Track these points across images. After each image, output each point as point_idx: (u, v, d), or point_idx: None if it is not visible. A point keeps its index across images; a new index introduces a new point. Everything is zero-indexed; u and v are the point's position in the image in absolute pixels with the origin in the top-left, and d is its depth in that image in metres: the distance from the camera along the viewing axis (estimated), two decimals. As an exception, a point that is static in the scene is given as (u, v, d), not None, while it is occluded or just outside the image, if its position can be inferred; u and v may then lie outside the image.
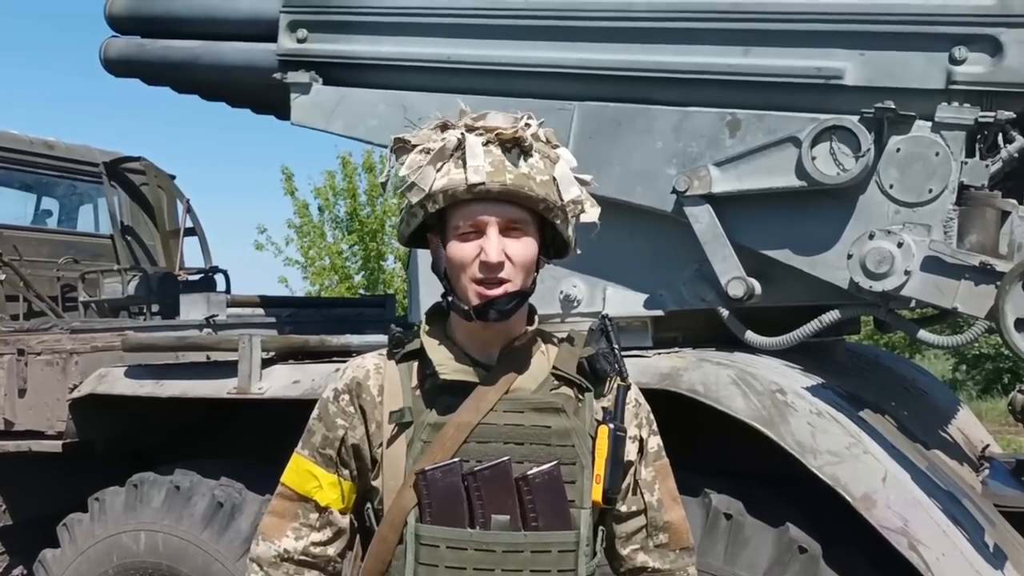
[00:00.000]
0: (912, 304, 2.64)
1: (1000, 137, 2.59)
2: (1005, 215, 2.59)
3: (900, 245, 2.52)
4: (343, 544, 1.68)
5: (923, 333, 2.68)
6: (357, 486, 1.66)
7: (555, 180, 1.55)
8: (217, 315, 4.04)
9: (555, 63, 2.98)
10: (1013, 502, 3.08)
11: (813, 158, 2.61)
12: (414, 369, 1.62)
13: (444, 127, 1.57)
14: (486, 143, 1.52)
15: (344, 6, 3.26)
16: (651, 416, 1.73)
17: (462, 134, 1.53)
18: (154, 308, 5.17)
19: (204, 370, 3.45)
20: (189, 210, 6.04)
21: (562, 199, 1.56)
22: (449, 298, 1.60)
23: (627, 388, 1.64)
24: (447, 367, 1.58)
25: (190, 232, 6.05)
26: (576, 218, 1.61)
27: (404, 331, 1.67)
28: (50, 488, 4.04)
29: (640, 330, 2.94)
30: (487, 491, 1.52)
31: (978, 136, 2.59)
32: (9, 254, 5.13)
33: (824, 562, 2.56)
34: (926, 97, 2.57)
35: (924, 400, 3.86)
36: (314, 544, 1.65)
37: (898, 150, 2.58)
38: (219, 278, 5.94)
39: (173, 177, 6.16)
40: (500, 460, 1.53)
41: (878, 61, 2.62)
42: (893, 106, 2.52)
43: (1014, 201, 2.65)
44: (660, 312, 2.93)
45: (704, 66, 2.80)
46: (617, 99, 2.92)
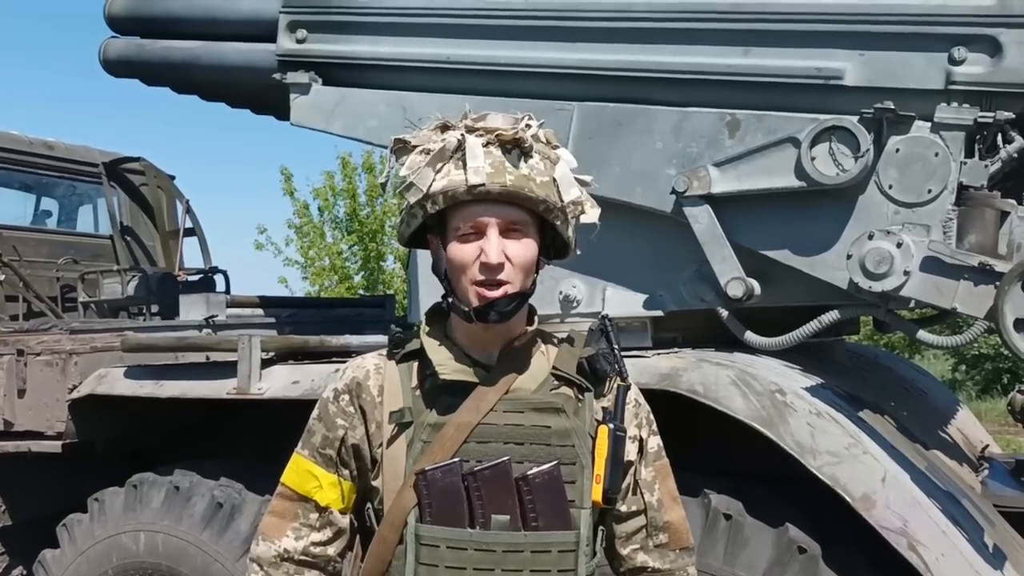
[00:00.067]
0: (911, 304, 2.64)
1: (999, 137, 2.59)
2: (1004, 215, 2.60)
3: (899, 245, 2.52)
4: (343, 544, 1.68)
5: (922, 333, 2.68)
6: (357, 486, 1.66)
7: (555, 181, 1.55)
8: (217, 315, 4.04)
9: (555, 63, 2.98)
10: (1012, 502, 3.08)
11: (812, 158, 2.61)
12: (414, 369, 1.62)
13: (444, 128, 1.56)
14: (486, 144, 1.52)
15: (343, 6, 3.26)
16: (651, 416, 1.73)
17: (462, 135, 1.53)
18: (154, 308, 5.17)
19: (204, 370, 3.46)
20: (189, 210, 6.04)
21: (562, 200, 1.56)
22: (449, 299, 1.60)
23: (627, 388, 1.65)
24: (447, 367, 1.58)
25: (189, 232, 6.05)
26: (576, 219, 1.61)
27: (404, 331, 1.67)
28: (50, 488, 4.04)
29: (640, 330, 2.93)
30: (487, 491, 1.52)
31: (977, 136, 2.59)
32: (9, 254, 5.13)
33: (823, 562, 2.56)
34: (925, 97, 2.57)
35: (923, 400, 3.86)
36: (314, 544, 1.65)
37: (897, 150, 2.59)
38: (219, 278, 5.94)
39: (173, 177, 6.16)
40: (500, 460, 1.53)
41: (877, 61, 2.62)
42: (892, 106, 2.52)
43: (1013, 201, 2.65)
44: (660, 312, 2.93)
45: (704, 66, 2.80)
46: (617, 99, 2.92)
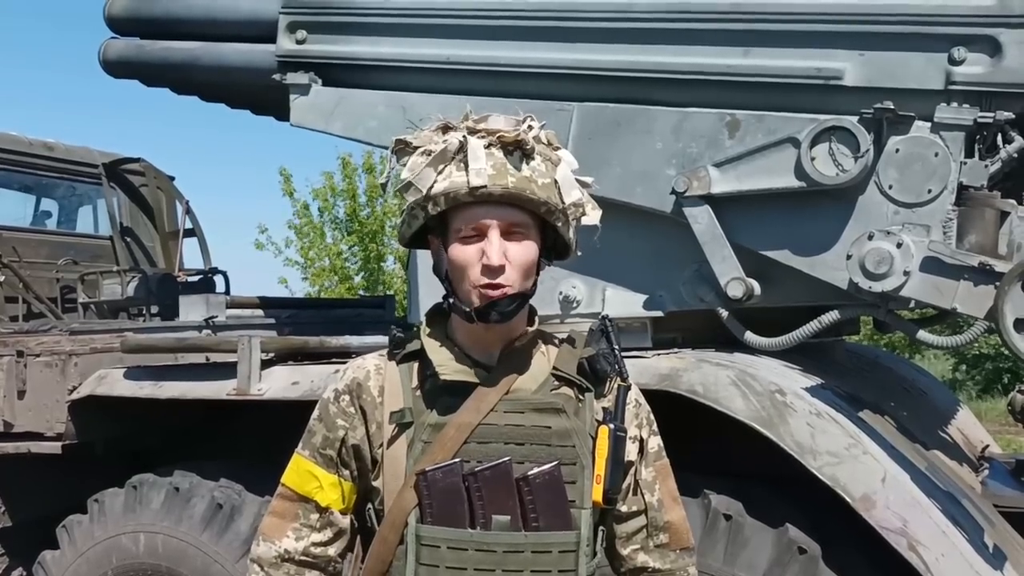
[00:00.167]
0: (911, 304, 2.64)
1: (999, 137, 2.59)
2: (1004, 215, 2.60)
3: (899, 245, 2.52)
4: (344, 544, 1.68)
5: (922, 333, 2.68)
6: (358, 486, 1.66)
7: (557, 183, 1.55)
8: (216, 316, 4.04)
9: (554, 64, 2.98)
10: (1013, 502, 3.08)
11: (812, 159, 2.61)
12: (414, 370, 1.62)
13: (446, 129, 1.57)
14: (488, 146, 1.52)
15: (343, 7, 3.26)
16: (651, 416, 1.73)
17: (464, 136, 1.53)
18: (153, 309, 5.17)
19: (203, 371, 3.46)
20: (188, 211, 6.04)
21: (563, 202, 1.56)
22: (450, 300, 1.60)
23: (627, 388, 1.65)
24: (447, 368, 1.58)
25: (189, 233, 6.05)
26: (577, 220, 1.61)
27: (404, 332, 1.67)
28: (49, 489, 4.04)
29: (639, 331, 2.93)
30: (488, 491, 1.52)
31: (977, 136, 2.59)
32: (8, 256, 5.13)
33: (823, 563, 2.56)
34: (925, 98, 2.57)
35: (924, 400, 3.86)
36: (315, 544, 1.65)
37: (897, 151, 2.59)
38: (218, 279, 5.94)
39: (172, 178, 6.16)
40: (501, 460, 1.54)
41: (877, 62, 2.62)
42: (892, 107, 2.52)
43: (1013, 201, 2.65)
44: (659, 313, 2.93)
45: (703, 67, 2.80)
46: (616, 100, 2.92)
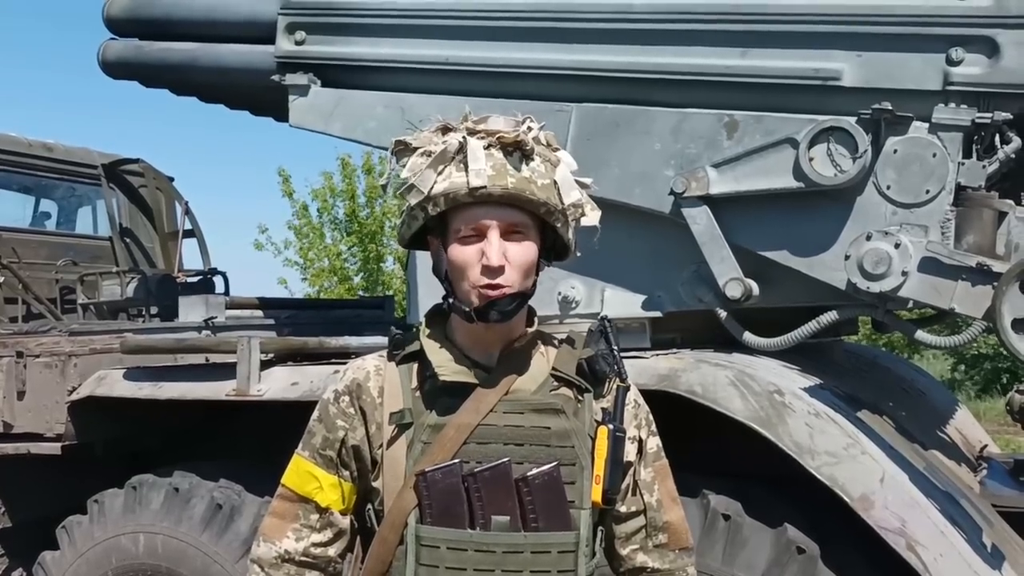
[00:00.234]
0: (910, 305, 2.64)
1: (997, 138, 2.59)
2: (1002, 216, 2.60)
3: (897, 246, 2.52)
4: (344, 545, 1.68)
5: (921, 334, 2.68)
6: (357, 487, 1.66)
7: (556, 184, 1.56)
8: (216, 317, 4.05)
9: (553, 65, 2.98)
10: (1011, 502, 3.08)
11: (811, 159, 2.62)
12: (414, 371, 1.63)
13: (445, 130, 1.57)
14: (487, 146, 1.52)
15: (342, 8, 3.26)
16: (650, 417, 1.74)
17: (464, 137, 1.53)
18: (153, 310, 5.18)
19: (203, 372, 3.46)
20: (188, 212, 6.04)
21: (563, 203, 1.56)
22: (450, 300, 1.60)
23: (626, 389, 1.65)
24: (447, 369, 1.58)
25: (189, 234, 6.06)
26: (576, 221, 1.61)
27: (404, 333, 1.67)
28: (49, 490, 4.03)
29: (638, 331, 2.94)
30: (487, 492, 1.53)
31: (975, 137, 2.60)
32: (8, 256, 5.14)
33: (822, 562, 2.56)
34: (923, 98, 2.57)
35: (922, 400, 3.86)
36: (315, 545, 1.65)
37: (895, 151, 2.59)
38: (218, 280, 5.95)
39: (172, 179, 6.17)
40: (500, 461, 1.54)
41: (875, 62, 2.62)
42: (890, 107, 2.53)
43: (1011, 202, 2.65)
44: (658, 313, 2.93)
45: (702, 68, 2.81)
46: (615, 101, 2.93)
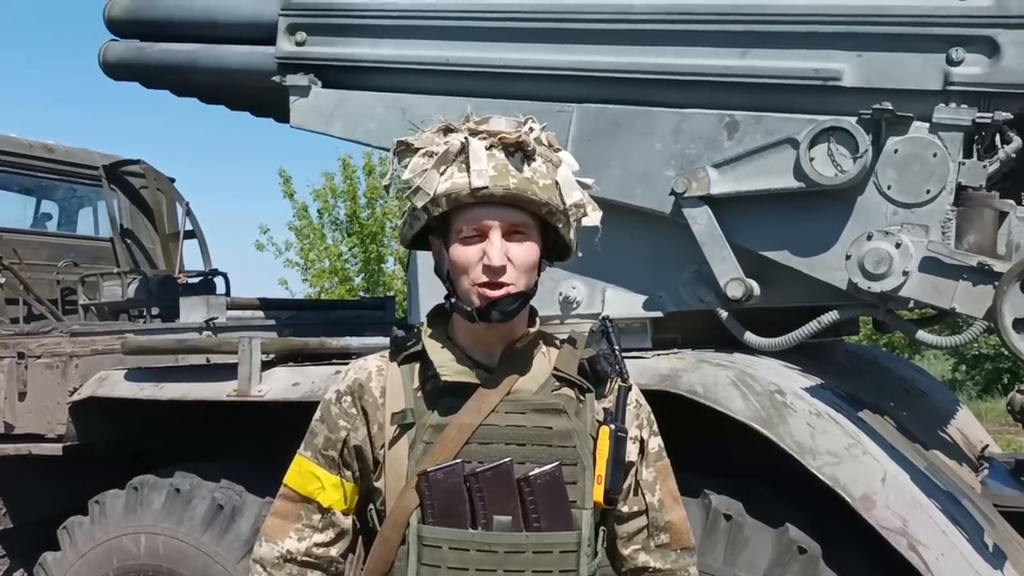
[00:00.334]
0: (910, 305, 2.64)
1: (997, 138, 2.59)
2: (1003, 215, 2.60)
3: (898, 246, 2.52)
4: (346, 545, 1.69)
5: (922, 334, 2.68)
6: (359, 487, 1.66)
7: (557, 184, 1.56)
8: (217, 318, 4.04)
9: (553, 65, 2.98)
10: (1012, 502, 3.08)
11: (811, 159, 2.62)
12: (416, 371, 1.63)
13: (447, 130, 1.57)
14: (489, 147, 1.53)
15: (343, 9, 3.26)
16: (652, 417, 1.74)
17: (466, 138, 1.53)
18: (154, 311, 5.18)
19: (204, 373, 3.46)
20: (188, 213, 6.05)
21: (564, 203, 1.56)
22: (452, 300, 1.61)
23: (628, 389, 1.65)
24: (448, 369, 1.59)
25: (189, 235, 6.06)
26: (578, 221, 1.61)
27: (406, 333, 1.67)
28: (50, 491, 4.04)
29: (639, 331, 2.94)
30: (489, 492, 1.53)
31: (976, 137, 2.60)
32: (9, 257, 5.14)
33: (824, 562, 2.57)
34: (924, 98, 2.57)
35: (923, 400, 3.86)
36: (317, 545, 1.66)
37: (896, 151, 2.59)
38: (219, 281, 5.95)
39: (172, 180, 6.17)
40: (502, 461, 1.54)
41: (876, 62, 2.62)
42: (891, 107, 2.53)
43: (1012, 202, 2.65)
44: (659, 313, 2.93)
45: (702, 68, 2.81)
46: (616, 101, 2.93)
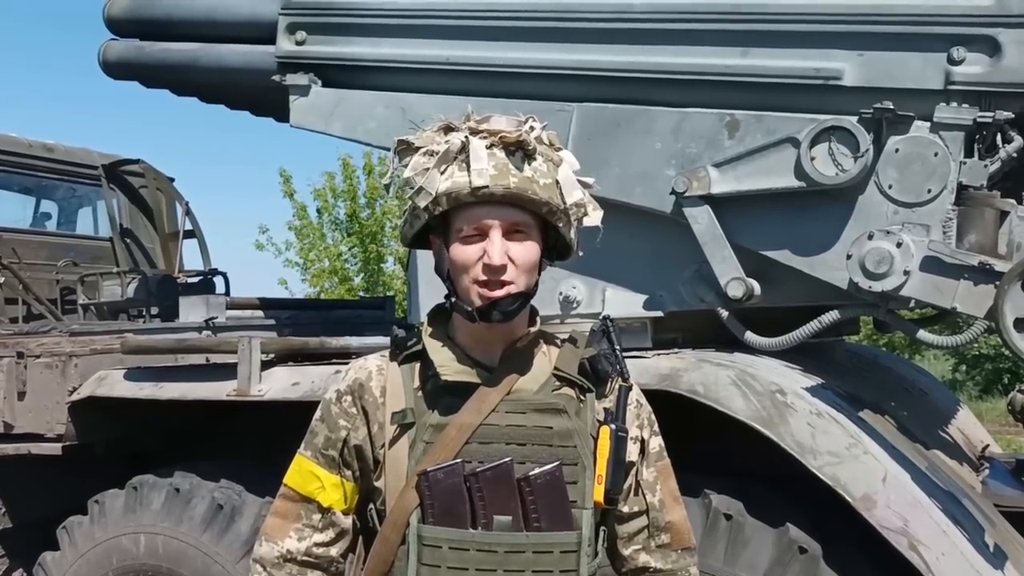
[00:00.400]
0: (911, 304, 2.64)
1: (999, 137, 2.59)
2: (1004, 215, 2.60)
3: (899, 245, 2.52)
4: (346, 545, 1.68)
5: (922, 333, 2.68)
6: (359, 487, 1.66)
7: (558, 183, 1.56)
8: (216, 317, 4.04)
9: (554, 64, 2.98)
10: (1013, 502, 3.08)
11: (812, 159, 2.62)
12: (416, 370, 1.63)
13: (448, 129, 1.57)
14: (490, 146, 1.52)
15: (343, 8, 3.26)
16: (652, 417, 1.73)
17: (466, 137, 1.53)
18: (153, 310, 5.17)
19: (203, 372, 3.46)
20: (188, 212, 6.04)
21: (565, 202, 1.56)
22: (452, 299, 1.60)
23: (629, 389, 1.65)
24: (449, 368, 1.58)
25: (189, 234, 6.05)
26: (578, 221, 1.61)
27: (406, 333, 1.67)
28: (50, 491, 4.04)
29: (640, 331, 2.93)
30: (489, 492, 1.53)
31: (977, 136, 2.60)
32: (8, 257, 5.13)
33: (824, 562, 2.56)
34: (924, 97, 2.57)
35: (924, 400, 3.86)
36: (317, 545, 1.65)
37: (897, 150, 2.59)
38: (218, 280, 5.94)
39: (172, 179, 6.17)
40: (502, 461, 1.54)
41: (876, 62, 2.62)
42: (892, 106, 2.52)
43: (1013, 201, 2.65)
44: (660, 313, 2.93)
45: (703, 67, 2.80)
46: (616, 100, 2.92)
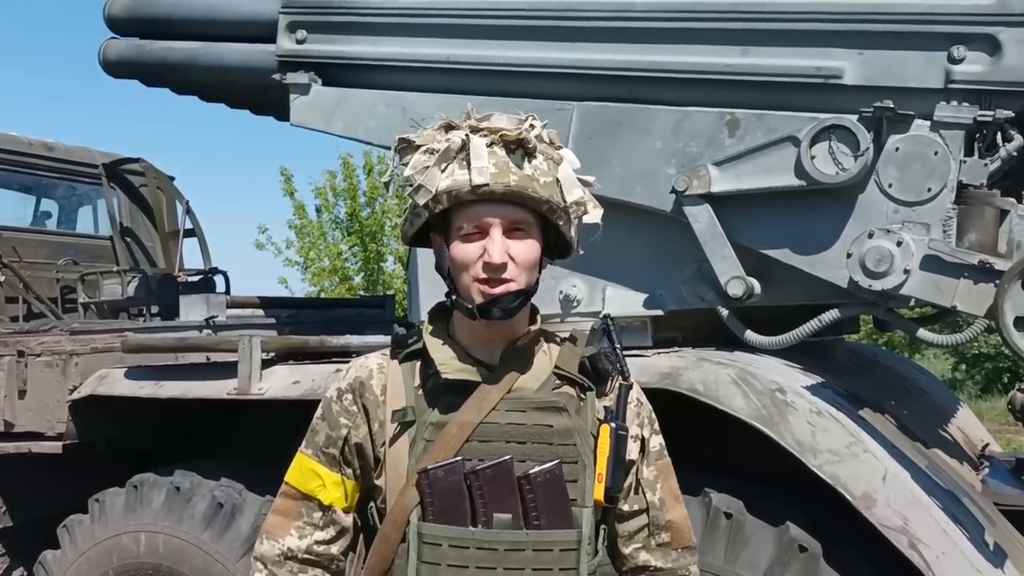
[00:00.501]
0: (911, 303, 2.64)
1: (999, 136, 2.59)
2: (1004, 214, 2.60)
3: (899, 244, 2.52)
4: (347, 543, 1.68)
5: (922, 332, 2.68)
6: (360, 485, 1.66)
7: (558, 182, 1.56)
8: (217, 316, 4.05)
9: (554, 63, 2.98)
10: (1013, 501, 3.08)
11: (812, 157, 2.62)
12: (417, 368, 1.63)
13: (448, 128, 1.57)
14: (490, 144, 1.52)
15: (343, 7, 3.26)
16: (653, 415, 1.74)
17: (467, 135, 1.53)
18: (154, 309, 5.17)
19: (204, 371, 3.46)
20: (188, 211, 6.04)
21: (565, 201, 1.56)
22: (453, 297, 1.60)
23: (629, 387, 1.65)
24: (449, 366, 1.58)
25: (189, 233, 6.05)
26: (579, 219, 1.61)
27: (407, 331, 1.67)
28: (50, 489, 4.04)
29: (640, 329, 2.94)
30: (489, 490, 1.53)
31: (977, 135, 2.60)
32: (9, 256, 5.13)
33: (824, 561, 2.57)
34: (925, 96, 2.57)
35: (924, 399, 3.86)
36: (318, 543, 1.65)
37: (897, 149, 2.59)
38: (219, 279, 5.94)
39: (172, 178, 6.16)
40: (502, 459, 1.54)
41: (877, 60, 2.62)
42: (892, 105, 2.52)
43: (1013, 200, 2.65)
44: (660, 312, 2.93)
45: (703, 66, 2.80)
46: (616, 99, 2.92)
